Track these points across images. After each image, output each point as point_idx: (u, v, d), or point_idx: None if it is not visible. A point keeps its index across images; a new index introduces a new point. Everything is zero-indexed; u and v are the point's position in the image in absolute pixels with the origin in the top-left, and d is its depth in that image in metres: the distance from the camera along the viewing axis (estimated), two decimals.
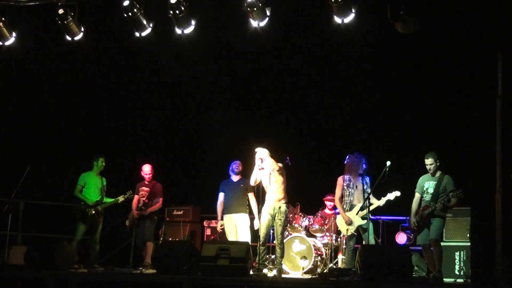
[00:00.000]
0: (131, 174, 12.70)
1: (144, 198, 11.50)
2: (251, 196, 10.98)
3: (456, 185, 9.72)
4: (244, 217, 10.97)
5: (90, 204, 11.17)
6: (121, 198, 11.37)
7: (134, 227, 11.52)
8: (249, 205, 11.06)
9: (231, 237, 10.97)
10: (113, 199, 11.36)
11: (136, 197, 11.58)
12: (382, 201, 10.42)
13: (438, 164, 9.85)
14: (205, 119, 14.19)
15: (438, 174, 9.87)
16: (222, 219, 11.14)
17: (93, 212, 11.16)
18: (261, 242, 10.17)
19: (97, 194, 11.28)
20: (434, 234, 9.66)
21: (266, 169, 10.27)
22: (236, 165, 11.15)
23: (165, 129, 14.58)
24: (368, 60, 12.64)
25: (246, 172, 10.95)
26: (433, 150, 9.97)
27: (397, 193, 10.37)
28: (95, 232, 11.26)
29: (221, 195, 11.16)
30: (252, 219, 11.11)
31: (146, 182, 11.61)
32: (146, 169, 11.60)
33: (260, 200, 10.38)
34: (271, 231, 10.60)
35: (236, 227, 10.93)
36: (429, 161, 9.86)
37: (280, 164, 10.31)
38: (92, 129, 14.45)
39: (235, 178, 11.16)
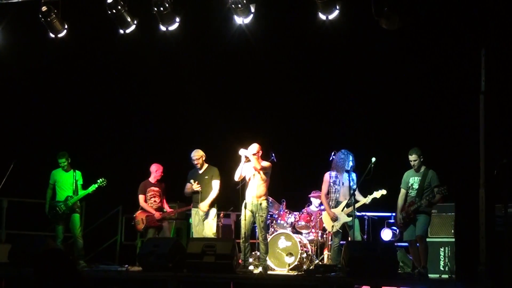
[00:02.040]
0: (111, 170, 12.72)
1: (156, 199, 11.57)
2: (215, 184, 10.85)
3: (440, 180, 9.79)
4: (211, 212, 10.85)
5: (51, 205, 11.18)
6: (92, 188, 11.21)
7: (148, 228, 11.53)
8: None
9: (195, 231, 10.81)
10: (84, 191, 11.23)
11: (143, 196, 11.58)
12: (368, 199, 10.47)
13: (421, 159, 9.91)
14: (189, 115, 14.16)
15: (422, 169, 9.93)
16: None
17: (64, 208, 11.09)
18: (243, 239, 10.18)
19: (69, 189, 11.19)
20: (420, 230, 9.72)
21: (250, 164, 10.27)
22: (192, 157, 10.98)
23: (148, 126, 14.54)
24: (353, 56, 12.66)
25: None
26: (417, 146, 10.02)
27: (383, 192, 10.42)
28: (74, 227, 11.16)
29: (188, 186, 11.06)
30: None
31: (155, 182, 11.65)
32: (156, 168, 11.67)
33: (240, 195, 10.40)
34: (255, 227, 10.63)
35: (202, 223, 10.80)
36: (412, 158, 9.91)
37: (265, 164, 10.30)
38: (76, 126, 14.38)
39: (200, 169, 11.01)
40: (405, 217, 9.86)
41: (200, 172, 10.99)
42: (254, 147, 10.32)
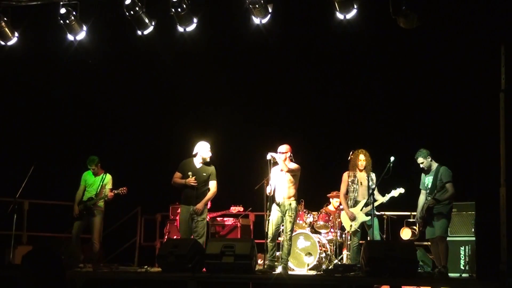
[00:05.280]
0: (130, 171, 12.80)
1: None
2: (213, 185, 10.60)
3: (453, 176, 9.74)
4: (204, 210, 10.60)
5: (77, 205, 11.16)
6: (109, 193, 11.05)
7: None
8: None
9: (184, 231, 10.55)
10: (100, 197, 11.19)
11: None
12: (386, 198, 10.45)
13: (430, 159, 9.89)
14: (208, 116, 14.18)
15: (434, 167, 9.91)
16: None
17: (80, 208, 11.08)
18: (270, 239, 10.13)
19: (93, 192, 11.18)
20: (440, 231, 9.71)
21: (278, 166, 10.21)
22: (208, 150, 10.62)
23: (167, 126, 14.56)
24: (371, 55, 12.63)
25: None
26: (433, 145, 10.01)
27: (401, 190, 10.39)
28: (91, 231, 11.14)
29: (178, 174, 10.68)
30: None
31: None
32: None
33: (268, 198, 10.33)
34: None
35: (192, 221, 10.50)
36: (419, 161, 9.93)
37: (293, 166, 10.21)
38: (94, 126, 14.46)
39: (199, 164, 10.67)
40: (422, 217, 9.88)
41: (198, 167, 10.65)
42: (283, 148, 10.27)
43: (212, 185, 10.61)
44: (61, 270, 3.95)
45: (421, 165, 9.95)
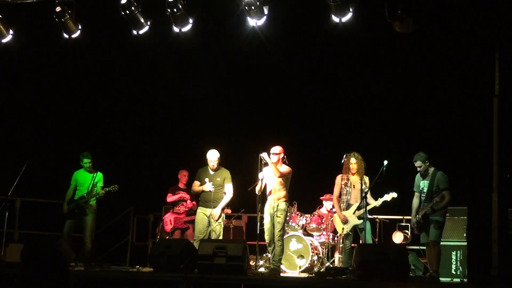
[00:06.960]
0: (123, 170, 12.77)
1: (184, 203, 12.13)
2: (229, 188, 10.80)
3: (449, 182, 9.73)
4: (220, 216, 10.75)
5: (68, 204, 11.14)
6: (101, 191, 11.06)
7: (175, 230, 12.10)
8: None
9: (199, 230, 10.67)
10: (92, 195, 11.13)
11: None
12: (379, 202, 10.43)
13: (427, 163, 9.85)
14: (202, 117, 14.18)
15: (431, 171, 9.87)
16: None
17: (72, 207, 11.05)
18: (268, 243, 10.15)
19: (85, 190, 11.16)
20: (433, 236, 9.69)
21: (270, 169, 10.21)
22: (212, 159, 10.82)
23: (161, 126, 14.56)
24: (366, 59, 12.64)
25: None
26: (421, 151, 9.97)
27: (394, 195, 10.38)
28: (84, 230, 11.12)
29: (197, 183, 10.96)
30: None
31: (184, 187, 12.21)
32: (185, 173, 12.30)
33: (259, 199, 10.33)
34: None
35: (210, 223, 10.67)
36: (417, 164, 9.87)
37: (284, 170, 10.22)
38: (88, 126, 14.42)
39: (212, 170, 10.88)
40: (419, 221, 9.84)
41: (212, 173, 10.87)
42: (276, 149, 10.26)
43: (228, 188, 10.83)
44: (64, 268, 3.92)
45: (419, 169, 9.92)
